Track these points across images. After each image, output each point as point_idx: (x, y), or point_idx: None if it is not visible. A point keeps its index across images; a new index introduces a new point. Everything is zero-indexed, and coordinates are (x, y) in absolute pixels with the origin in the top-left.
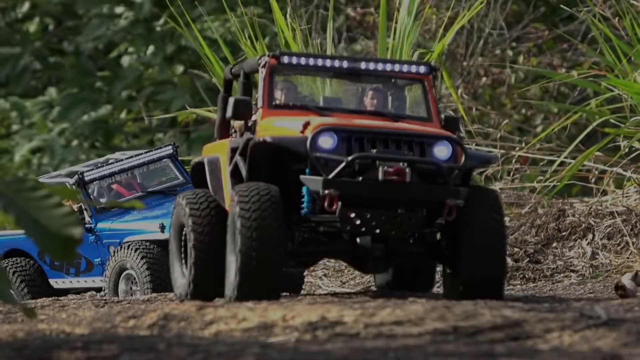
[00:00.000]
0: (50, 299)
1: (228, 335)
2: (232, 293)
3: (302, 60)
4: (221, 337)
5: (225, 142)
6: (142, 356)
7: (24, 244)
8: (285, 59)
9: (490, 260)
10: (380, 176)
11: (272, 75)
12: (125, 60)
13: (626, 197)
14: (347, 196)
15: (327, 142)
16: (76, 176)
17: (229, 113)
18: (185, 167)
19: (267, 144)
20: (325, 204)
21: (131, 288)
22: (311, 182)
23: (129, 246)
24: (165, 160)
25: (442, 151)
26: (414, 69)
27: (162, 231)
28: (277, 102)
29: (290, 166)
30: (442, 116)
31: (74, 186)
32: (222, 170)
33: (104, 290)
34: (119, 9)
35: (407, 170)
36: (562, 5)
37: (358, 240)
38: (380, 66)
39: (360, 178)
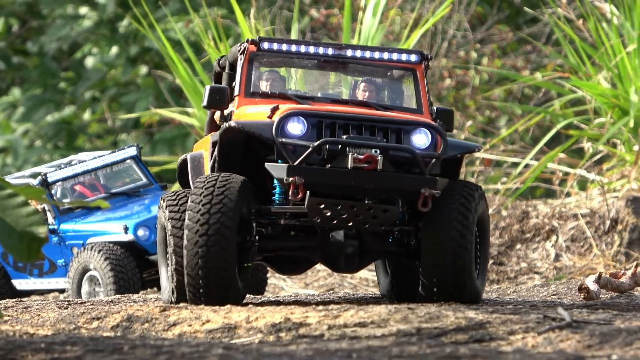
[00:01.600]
0: (13, 300)
1: (192, 337)
2: (187, 295)
3: (284, 47)
4: (185, 338)
5: (209, 137)
6: (106, 357)
7: None
8: (265, 45)
9: (449, 261)
10: (349, 163)
11: (251, 62)
12: (89, 61)
13: (590, 199)
14: (315, 184)
15: (295, 127)
16: (39, 177)
17: (203, 102)
18: (149, 168)
19: (233, 129)
20: (290, 192)
21: (94, 289)
22: (276, 169)
23: (92, 247)
24: (128, 161)
25: (420, 139)
26: (404, 57)
27: (126, 232)
28: (256, 90)
29: (261, 155)
30: (435, 108)
31: (37, 187)
32: (204, 167)
33: (67, 291)
34: (83, 10)
35: (379, 157)
36: (525, 8)
37: (331, 235)
38: (367, 54)
39: (329, 165)
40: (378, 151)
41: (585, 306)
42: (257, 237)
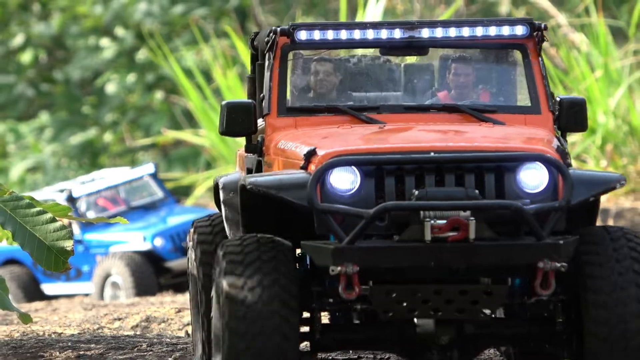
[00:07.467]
0: (43, 302)
1: None
2: None
3: (329, 35)
4: None
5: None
6: (127, 354)
7: (19, 254)
8: (303, 35)
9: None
10: (427, 235)
11: (284, 62)
12: (110, 88)
13: None
14: (376, 272)
15: (342, 180)
16: (66, 193)
17: (220, 126)
18: (164, 184)
19: (255, 190)
20: (341, 288)
21: (116, 293)
22: (316, 252)
23: (114, 255)
24: (146, 177)
25: (532, 178)
26: (506, 31)
27: (144, 242)
28: (294, 103)
29: (299, 221)
30: (557, 99)
31: (65, 201)
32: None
33: (92, 294)
34: (104, 42)
35: (471, 221)
36: None
37: (415, 321)
38: (452, 32)
39: (396, 239)
40: (469, 212)
41: None
42: (311, 332)
